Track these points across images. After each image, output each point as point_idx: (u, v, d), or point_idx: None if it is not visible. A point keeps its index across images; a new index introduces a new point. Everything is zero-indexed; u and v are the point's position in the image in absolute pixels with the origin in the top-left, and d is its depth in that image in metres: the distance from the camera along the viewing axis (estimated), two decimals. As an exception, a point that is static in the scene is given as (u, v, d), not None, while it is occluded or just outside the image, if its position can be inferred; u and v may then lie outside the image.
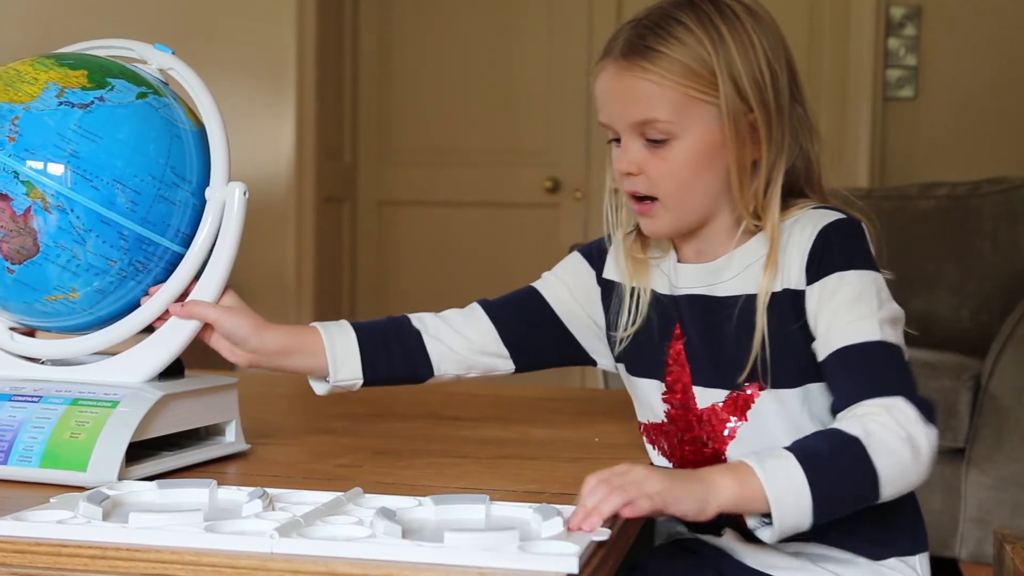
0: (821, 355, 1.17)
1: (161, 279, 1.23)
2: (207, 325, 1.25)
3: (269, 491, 1.03)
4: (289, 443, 1.41)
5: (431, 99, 4.62)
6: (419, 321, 1.35)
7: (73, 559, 0.88)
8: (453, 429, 1.53)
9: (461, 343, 1.34)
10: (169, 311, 1.24)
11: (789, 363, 1.20)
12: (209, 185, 1.24)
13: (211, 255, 1.24)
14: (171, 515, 0.93)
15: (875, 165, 4.10)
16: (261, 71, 4.25)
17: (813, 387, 1.20)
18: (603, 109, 1.24)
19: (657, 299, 1.29)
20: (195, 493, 1.04)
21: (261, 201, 3.83)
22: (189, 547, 0.88)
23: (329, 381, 1.31)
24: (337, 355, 1.30)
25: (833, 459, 1.07)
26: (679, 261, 1.28)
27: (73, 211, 1.16)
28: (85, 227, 1.17)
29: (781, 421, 1.21)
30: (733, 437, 1.24)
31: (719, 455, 1.25)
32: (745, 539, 1.24)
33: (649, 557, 1.28)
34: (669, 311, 1.28)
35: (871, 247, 1.21)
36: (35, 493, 1.07)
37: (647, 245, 1.31)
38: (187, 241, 1.23)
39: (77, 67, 1.21)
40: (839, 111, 4.10)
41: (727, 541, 1.26)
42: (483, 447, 1.29)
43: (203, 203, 1.24)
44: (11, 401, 1.18)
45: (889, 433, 1.08)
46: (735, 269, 1.24)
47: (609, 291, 1.34)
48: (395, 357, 1.33)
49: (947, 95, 4.09)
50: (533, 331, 1.36)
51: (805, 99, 1.26)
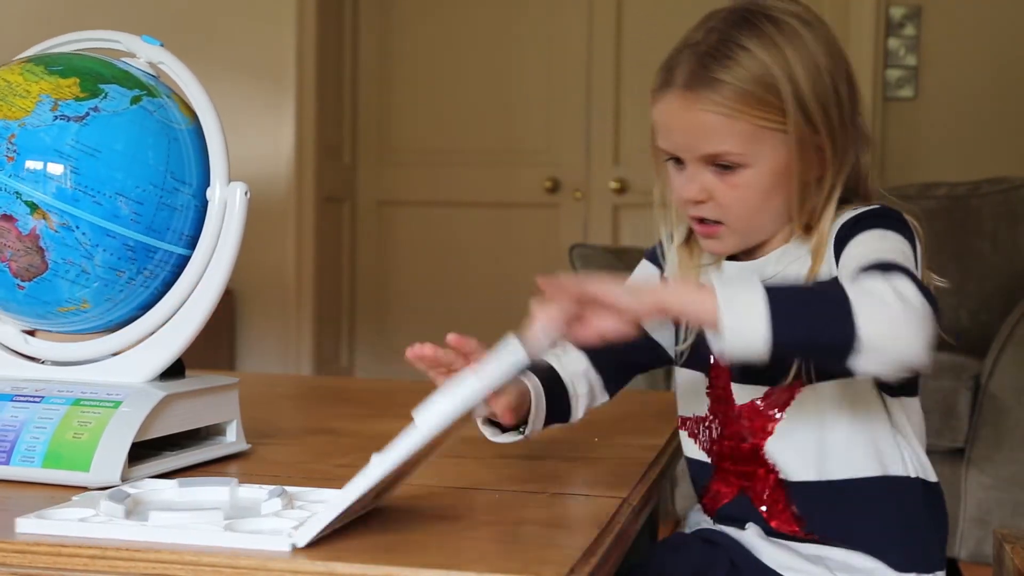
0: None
1: (170, 281, 1.23)
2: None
3: (288, 489, 1.03)
4: (289, 443, 1.42)
5: (431, 99, 4.62)
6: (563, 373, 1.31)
7: (98, 560, 0.88)
8: (454, 429, 1.53)
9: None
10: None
11: None
12: (209, 184, 1.24)
13: (213, 256, 1.24)
14: (192, 513, 0.93)
15: (875, 165, 4.10)
16: (261, 71, 4.25)
17: (854, 382, 1.20)
18: (667, 138, 1.22)
19: None
20: (215, 491, 1.04)
21: (261, 201, 3.83)
22: (209, 546, 0.89)
23: (523, 432, 1.26)
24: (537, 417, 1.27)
25: (801, 288, 1.05)
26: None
27: (79, 228, 1.16)
28: (92, 242, 1.17)
29: (821, 417, 1.21)
30: (772, 433, 1.24)
31: (758, 450, 1.25)
32: (767, 536, 1.25)
33: (668, 543, 1.29)
34: None
35: (916, 239, 1.19)
36: (38, 493, 1.07)
37: (698, 251, 1.31)
38: (191, 242, 1.23)
39: (67, 75, 1.20)
40: (839, 111, 4.10)
41: (749, 537, 1.26)
42: (483, 447, 1.29)
43: (204, 203, 1.24)
44: (13, 401, 1.18)
45: (875, 281, 1.03)
46: (779, 265, 1.24)
47: None
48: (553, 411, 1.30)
49: (947, 95, 4.10)
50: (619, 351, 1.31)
51: (863, 107, 1.25)
